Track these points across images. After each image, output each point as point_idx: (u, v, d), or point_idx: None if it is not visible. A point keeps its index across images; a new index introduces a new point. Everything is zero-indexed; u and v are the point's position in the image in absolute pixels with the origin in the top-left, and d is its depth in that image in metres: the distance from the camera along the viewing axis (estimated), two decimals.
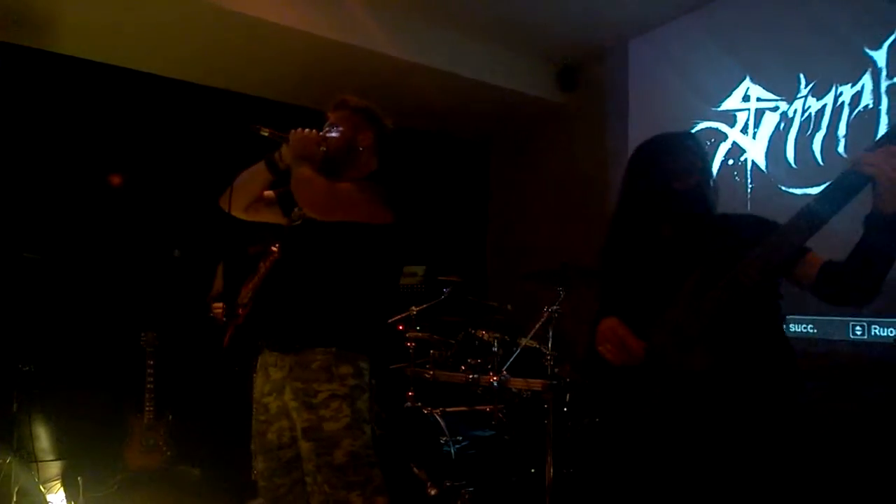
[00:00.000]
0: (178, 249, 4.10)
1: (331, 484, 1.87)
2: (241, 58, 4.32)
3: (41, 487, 3.27)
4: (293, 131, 1.99)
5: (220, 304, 3.39)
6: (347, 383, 1.91)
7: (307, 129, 2.00)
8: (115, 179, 4.33)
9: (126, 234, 4.29)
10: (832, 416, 2.84)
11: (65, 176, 4.12)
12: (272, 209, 2.18)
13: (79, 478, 3.44)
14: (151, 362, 3.81)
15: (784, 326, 1.67)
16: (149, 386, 3.81)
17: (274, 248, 2.93)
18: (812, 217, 1.38)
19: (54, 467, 3.76)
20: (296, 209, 2.10)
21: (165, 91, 4.48)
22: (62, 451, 3.86)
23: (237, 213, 2.16)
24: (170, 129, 4.48)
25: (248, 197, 2.12)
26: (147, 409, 3.81)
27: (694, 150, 1.70)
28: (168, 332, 3.94)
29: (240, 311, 3.29)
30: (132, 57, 4.27)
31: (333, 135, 2.06)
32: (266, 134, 1.98)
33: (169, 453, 3.87)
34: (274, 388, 2.00)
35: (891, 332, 3.06)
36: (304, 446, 1.90)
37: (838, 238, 1.46)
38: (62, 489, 3.52)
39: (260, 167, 2.08)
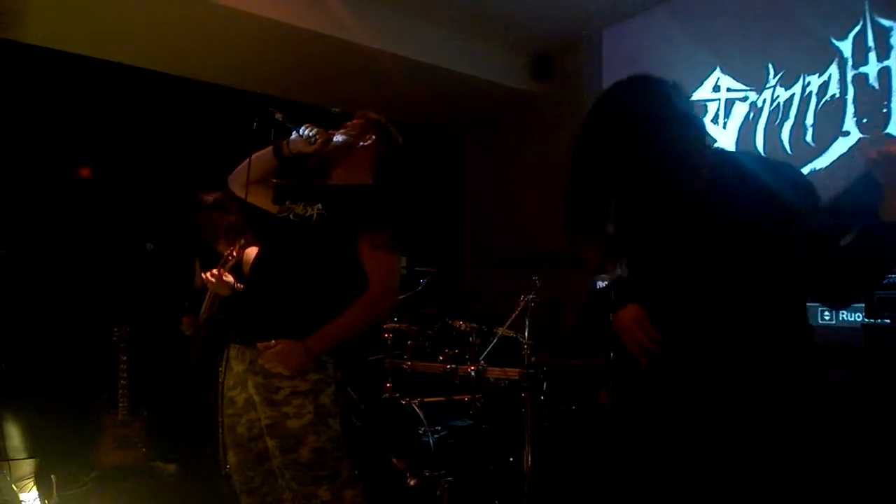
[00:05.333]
0: (150, 243, 4.05)
1: (297, 480, 1.88)
2: (214, 48, 4.25)
3: (13, 486, 3.23)
4: (308, 125, 2.07)
5: (188, 319, 3.31)
6: (309, 378, 1.90)
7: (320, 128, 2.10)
8: (86, 172, 4.24)
9: (97, 227, 4.21)
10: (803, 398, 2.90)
11: (33, 168, 4.03)
12: (268, 194, 2.22)
13: (52, 476, 3.40)
14: (124, 358, 3.78)
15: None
16: (122, 382, 3.77)
17: (234, 255, 2.87)
18: None
19: (26, 465, 3.68)
20: (287, 203, 2.12)
21: (136, 82, 4.40)
22: (34, 449, 3.79)
23: (239, 191, 2.20)
24: (141, 120, 4.41)
25: (254, 177, 2.16)
26: (120, 405, 3.77)
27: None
28: (141, 327, 3.89)
29: (201, 333, 3.24)
30: (102, 47, 4.18)
31: (339, 137, 2.13)
32: (279, 118, 2.06)
33: (144, 449, 3.82)
34: (237, 381, 2.01)
35: (858, 316, 3.14)
36: (270, 443, 1.91)
37: None
38: (35, 488, 3.46)
39: (268, 153, 2.14)
